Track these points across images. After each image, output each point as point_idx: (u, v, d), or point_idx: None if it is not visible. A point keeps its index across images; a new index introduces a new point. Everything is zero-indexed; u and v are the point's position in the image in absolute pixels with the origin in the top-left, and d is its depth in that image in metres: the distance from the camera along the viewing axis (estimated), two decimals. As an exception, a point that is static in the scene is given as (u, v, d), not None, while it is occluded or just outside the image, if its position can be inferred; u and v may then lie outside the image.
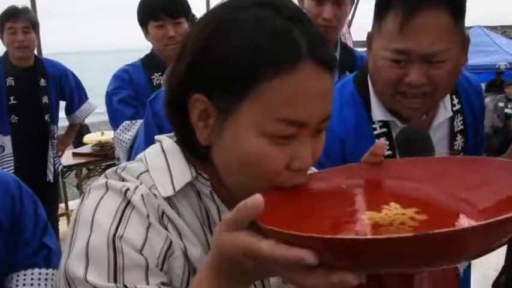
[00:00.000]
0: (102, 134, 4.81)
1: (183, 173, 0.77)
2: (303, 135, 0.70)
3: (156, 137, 0.84)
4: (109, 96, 2.30)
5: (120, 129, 2.21)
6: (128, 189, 0.73)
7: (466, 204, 0.64)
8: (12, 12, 3.23)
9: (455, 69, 1.20)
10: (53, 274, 1.32)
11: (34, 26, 3.33)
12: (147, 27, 2.28)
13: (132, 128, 2.18)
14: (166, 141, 0.81)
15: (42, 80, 3.43)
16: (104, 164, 4.69)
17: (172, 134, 0.82)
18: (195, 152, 0.77)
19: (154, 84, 2.30)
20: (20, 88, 3.34)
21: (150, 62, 2.34)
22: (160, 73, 2.29)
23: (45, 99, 3.44)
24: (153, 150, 0.81)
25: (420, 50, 1.14)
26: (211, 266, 0.64)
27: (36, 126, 3.43)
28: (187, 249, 0.75)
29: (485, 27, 13.95)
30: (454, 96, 1.36)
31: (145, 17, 2.27)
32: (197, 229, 0.77)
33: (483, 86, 12.45)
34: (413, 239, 0.47)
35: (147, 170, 0.78)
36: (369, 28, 1.28)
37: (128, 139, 2.17)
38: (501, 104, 10.16)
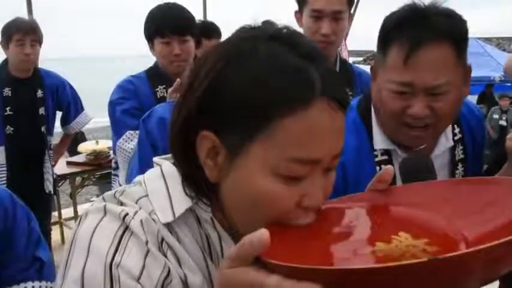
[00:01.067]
0: (97, 143, 4.78)
1: (183, 198, 0.75)
2: (314, 174, 0.68)
3: (156, 159, 0.82)
4: (113, 105, 2.28)
5: (123, 139, 2.20)
6: (126, 214, 0.72)
7: (471, 231, 0.64)
8: (23, 27, 3.26)
9: (457, 100, 1.22)
10: (46, 287, 1.32)
11: (40, 40, 3.36)
12: (154, 42, 2.26)
13: (135, 138, 2.15)
14: (167, 164, 0.79)
15: (39, 91, 3.42)
16: (98, 173, 4.67)
17: (170, 155, 0.80)
18: (200, 188, 0.75)
19: (158, 96, 2.28)
20: (17, 99, 3.33)
21: (154, 75, 2.32)
22: (164, 86, 2.28)
23: (41, 111, 3.43)
24: (152, 174, 0.79)
25: (424, 83, 1.16)
26: None
27: (32, 137, 3.41)
28: (187, 277, 0.73)
29: (480, 38, 14.06)
30: (455, 126, 1.38)
31: (152, 33, 2.25)
32: (198, 256, 0.75)
33: (476, 97, 12.59)
34: (428, 264, 0.46)
35: (147, 195, 0.76)
36: (364, 38, 1.28)
37: (131, 148, 2.15)
38: (496, 116, 10.24)
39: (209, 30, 3.64)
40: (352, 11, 2.19)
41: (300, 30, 2.10)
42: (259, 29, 0.72)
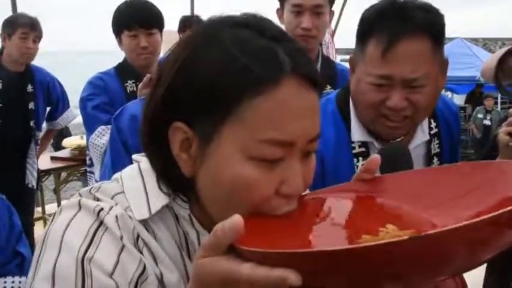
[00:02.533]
0: (82, 137, 4.74)
1: (159, 195, 0.73)
2: (290, 158, 0.66)
3: (134, 157, 0.81)
4: (83, 102, 2.33)
5: (96, 134, 2.23)
6: (101, 209, 0.70)
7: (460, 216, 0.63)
8: (29, 21, 3.30)
9: (435, 92, 1.24)
10: (26, 282, 1.30)
11: (40, 38, 3.41)
12: (121, 36, 2.33)
13: (106, 133, 2.18)
14: (145, 161, 0.77)
15: (29, 85, 3.45)
16: (82, 169, 4.64)
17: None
18: (177, 185, 0.73)
19: (128, 91, 2.34)
20: (7, 92, 3.34)
21: (123, 70, 2.38)
22: (133, 81, 2.33)
23: (31, 105, 3.46)
24: (130, 171, 0.78)
25: (402, 75, 1.18)
26: None
27: (19, 131, 3.43)
28: (163, 275, 0.72)
29: (466, 39, 14.17)
30: (432, 120, 1.40)
31: (119, 27, 2.32)
32: (174, 254, 0.74)
33: (464, 97, 12.70)
34: (409, 242, 0.45)
35: (123, 191, 0.75)
36: (352, 36, 1.29)
37: (103, 143, 2.17)
38: (480, 116, 10.35)
39: (188, 22, 3.65)
40: (340, 9, 2.21)
41: (282, 27, 2.11)
42: (225, 17, 0.71)
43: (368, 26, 1.23)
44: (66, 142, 4.85)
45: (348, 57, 1.41)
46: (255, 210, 0.66)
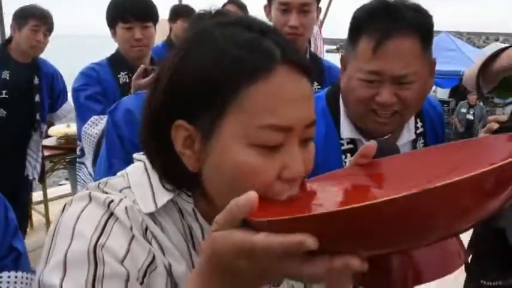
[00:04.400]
0: (68, 126, 4.70)
1: (164, 190, 0.76)
2: (290, 144, 0.69)
3: (136, 156, 0.83)
4: (76, 92, 2.33)
5: (89, 124, 2.23)
6: (111, 200, 0.73)
7: None
8: (42, 14, 3.27)
9: (423, 90, 1.29)
10: (22, 277, 1.31)
11: (51, 31, 3.38)
12: (116, 28, 2.33)
13: (100, 123, 2.20)
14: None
15: (36, 78, 3.42)
16: (68, 157, 4.60)
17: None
18: (180, 181, 0.76)
19: (121, 82, 2.35)
20: (14, 83, 3.32)
21: (116, 62, 2.39)
22: (126, 72, 2.34)
23: (37, 98, 3.44)
24: (135, 167, 0.81)
25: (392, 71, 1.22)
26: (201, 269, 0.62)
27: (24, 123, 3.42)
28: (171, 265, 0.74)
29: (451, 32, 14.29)
30: (418, 120, 1.45)
31: (114, 18, 2.33)
32: (181, 246, 0.76)
33: (448, 91, 12.83)
34: (418, 195, 0.47)
35: (129, 186, 0.77)
36: (338, 26, 1.33)
37: (96, 133, 2.18)
38: (463, 110, 10.48)
39: (179, 13, 3.65)
40: (328, 0, 2.22)
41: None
42: (215, 19, 0.75)
43: (360, 24, 1.28)
44: (52, 130, 4.78)
45: (334, 47, 1.44)
46: (259, 195, 0.67)
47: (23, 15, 3.26)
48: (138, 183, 0.77)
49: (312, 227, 0.51)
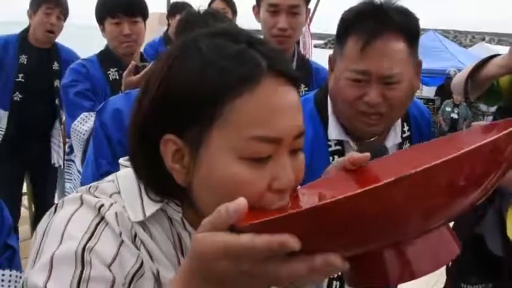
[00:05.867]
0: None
1: (152, 201, 0.76)
2: (279, 155, 0.68)
3: (122, 162, 0.82)
4: (65, 88, 2.30)
5: (78, 121, 2.20)
6: (102, 205, 0.73)
7: None
8: None
9: (409, 91, 1.31)
10: (16, 276, 1.31)
11: (66, 15, 3.33)
12: (104, 23, 2.30)
13: (89, 120, 2.17)
14: None
15: (55, 63, 3.36)
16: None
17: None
18: (168, 193, 0.75)
19: (111, 79, 2.32)
20: (31, 67, 3.27)
21: (105, 58, 2.36)
22: (116, 69, 2.32)
23: (56, 83, 3.34)
24: (125, 172, 0.80)
25: (379, 71, 1.24)
26: (184, 269, 0.61)
27: (42, 107, 3.35)
28: (160, 272, 0.74)
29: (438, 30, 14.40)
30: (405, 124, 1.46)
31: (103, 14, 2.30)
32: (170, 253, 0.76)
33: (434, 89, 12.94)
34: (391, 184, 0.48)
35: (119, 192, 0.77)
36: (326, 22, 1.33)
37: (86, 130, 2.16)
38: (448, 109, 10.58)
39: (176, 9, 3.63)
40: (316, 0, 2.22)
41: (258, 25, 2.14)
42: (199, 30, 0.74)
43: (348, 25, 1.29)
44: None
45: (321, 42, 1.45)
46: (249, 206, 0.67)
47: (37, 1, 3.23)
48: (128, 190, 0.77)
49: (292, 227, 0.52)
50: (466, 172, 0.53)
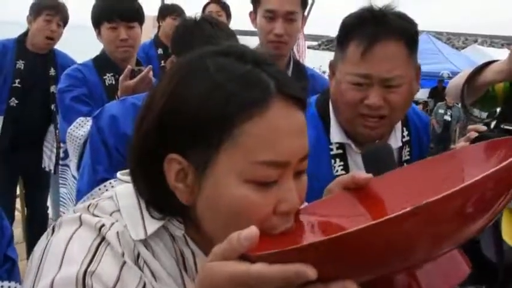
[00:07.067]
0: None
1: (154, 218, 0.74)
2: (285, 178, 0.67)
3: (120, 176, 0.81)
4: (61, 93, 2.29)
5: (74, 125, 2.20)
6: (103, 225, 0.70)
7: None
8: (55, 5, 3.23)
9: (409, 94, 1.33)
10: (15, 287, 1.29)
11: (65, 23, 3.33)
12: (100, 28, 2.30)
13: (85, 125, 2.16)
14: None
15: (52, 69, 3.36)
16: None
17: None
18: (170, 211, 0.74)
19: (107, 84, 2.32)
20: (28, 73, 3.27)
21: (101, 63, 2.36)
22: (112, 74, 2.31)
23: (52, 89, 3.33)
24: (124, 189, 0.77)
25: (380, 75, 1.27)
26: None
27: (38, 113, 3.34)
28: None
29: (431, 32, 14.47)
30: (404, 128, 1.48)
31: (99, 18, 2.29)
32: (174, 272, 0.74)
33: (427, 91, 13.00)
34: (410, 214, 0.48)
35: (118, 210, 0.75)
36: (321, 23, 1.34)
37: (82, 135, 2.15)
38: (441, 111, 10.63)
39: (166, 11, 3.62)
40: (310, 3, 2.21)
41: (251, 26, 2.14)
42: (204, 48, 0.74)
43: (349, 30, 1.32)
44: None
45: (314, 43, 1.46)
46: None
47: (38, 6, 3.23)
48: (128, 207, 0.75)
49: (305, 257, 0.52)
50: (483, 197, 0.53)
